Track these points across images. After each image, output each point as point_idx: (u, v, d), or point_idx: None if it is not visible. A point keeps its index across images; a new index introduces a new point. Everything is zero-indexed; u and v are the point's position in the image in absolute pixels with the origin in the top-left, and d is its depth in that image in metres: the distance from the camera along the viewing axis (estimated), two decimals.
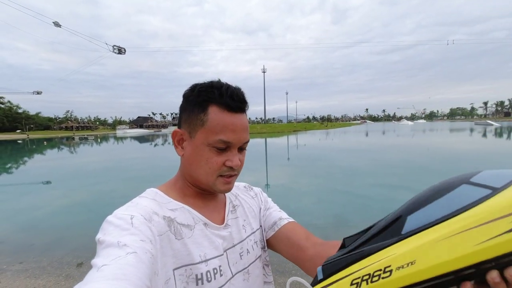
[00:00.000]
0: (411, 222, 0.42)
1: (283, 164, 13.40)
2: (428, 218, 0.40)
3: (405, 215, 0.43)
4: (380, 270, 0.40)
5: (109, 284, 0.38)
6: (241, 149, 0.69)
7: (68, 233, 4.94)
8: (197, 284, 0.60)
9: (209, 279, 0.62)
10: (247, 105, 0.68)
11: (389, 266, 0.39)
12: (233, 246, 0.71)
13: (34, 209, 6.84)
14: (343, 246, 0.50)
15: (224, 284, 0.64)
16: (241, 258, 0.71)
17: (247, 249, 0.73)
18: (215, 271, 0.63)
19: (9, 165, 17.70)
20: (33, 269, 3.70)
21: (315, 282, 0.49)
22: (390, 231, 0.43)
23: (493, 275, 0.33)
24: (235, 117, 0.65)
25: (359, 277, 0.42)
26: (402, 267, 0.38)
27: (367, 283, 0.41)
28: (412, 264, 0.38)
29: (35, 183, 10.44)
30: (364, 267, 0.42)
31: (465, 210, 0.37)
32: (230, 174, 0.67)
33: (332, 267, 0.47)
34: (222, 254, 0.66)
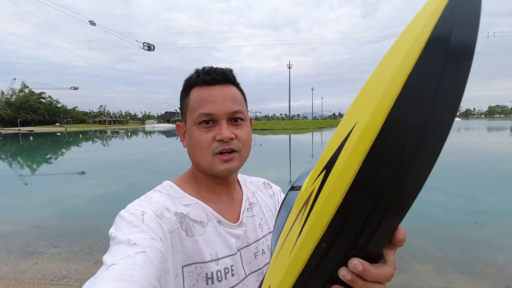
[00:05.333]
0: (271, 244, 0.42)
1: (307, 161, 13.20)
2: (275, 236, 0.40)
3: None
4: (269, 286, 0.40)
5: (115, 286, 0.39)
6: (236, 120, 0.64)
7: (99, 222, 5.20)
8: (207, 283, 0.59)
9: (220, 279, 0.60)
10: (229, 77, 0.66)
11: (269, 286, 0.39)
12: (248, 245, 0.69)
13: (69, 198, 7.29)
14: None
15: (237, 285, 0.63)
16: (255, 258, 0.69)
17: (262, 249, 0.71)
18: (227, 270, 0.62)
19: (49, 156, 19.02)
20: (66, 253, 3.96)
21: None
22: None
23: (342, 273, 0.31)
24: (214, 89, 0.63)
25: None
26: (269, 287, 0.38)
27: None
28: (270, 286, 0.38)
29: (71, 173, 11.11)
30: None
31: (285, 222, 0.37)
32: (224, 150, 0.62)
33: None
34: (236, 253, 0.65)
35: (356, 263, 0.30)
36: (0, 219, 5.57)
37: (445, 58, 0.24)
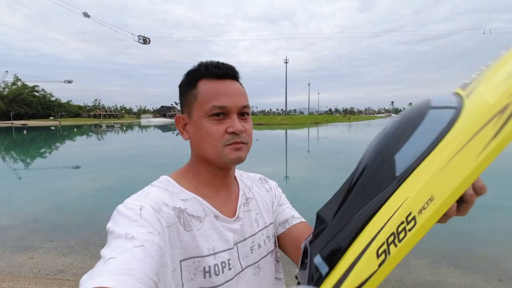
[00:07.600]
0: (401, 161, 0.38)
1: (303, 156, 13.26)
2: (418, 151, 0.37)
3: (390, 156, 0.39)
4: (403, 222, 0.35)
5: (114, 279, 0.39)
6: (243, 115, 0.67)
7: (95, 216, 5.19)
8: (204, 277, 0.60)
9: (217, 272, 0.61)
10: (237, 73, 0.69)
11: (410, 213, 0.35)
12: (244, 239, 0.69)
13: (65, 192, 7.26)
14: (321, 221, 0.43)
15: (233, 278, 0.63)
16: (252, 252, 0.70)
17: (259, 243, 0.72)
18: (224, 264, 0.62)
19: (43, 150, 18.84)
20: (62, 248, 3.95)
21: (318, 277, 0.39)
22: (382, 178, 0.38)
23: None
24: (225, 83, 0.65)
25: (383, 243, 0.35)
26: (424, 208, 0.34)
27: (395, 245, 0.34)
28: (431, 200, 0.35)
29: (66, 167, 11.05)
30: (380, 230, 0.36)
31: (448, 131, 0.37)
32: (235, 142, 0.63)
33: (334, 251, 0.38)
34: (232, 248, 0.65)
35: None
36: None
37: None
